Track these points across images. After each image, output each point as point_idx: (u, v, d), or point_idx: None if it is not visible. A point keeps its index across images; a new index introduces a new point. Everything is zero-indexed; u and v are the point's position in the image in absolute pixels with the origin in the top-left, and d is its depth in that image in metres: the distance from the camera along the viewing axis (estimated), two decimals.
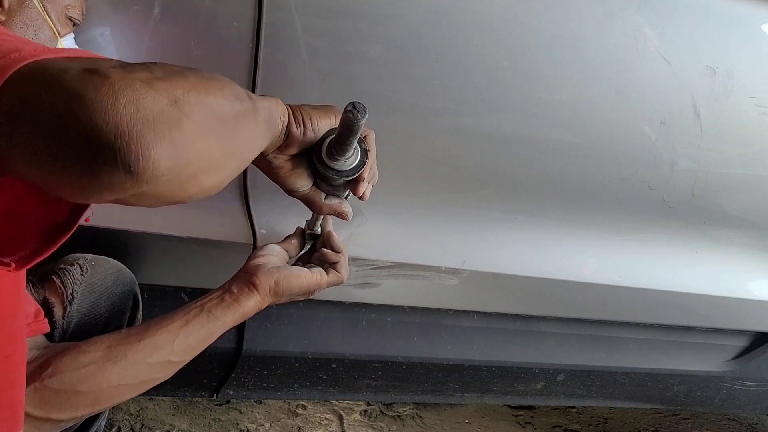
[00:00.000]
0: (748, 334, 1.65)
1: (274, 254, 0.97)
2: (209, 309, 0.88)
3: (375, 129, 1.15)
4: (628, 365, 1.57)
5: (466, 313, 1.38)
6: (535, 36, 1.18)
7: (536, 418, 2.35)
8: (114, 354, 0.81)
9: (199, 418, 1.94)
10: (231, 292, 0.90)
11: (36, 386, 0.77)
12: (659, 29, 1.23)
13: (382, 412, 2.17)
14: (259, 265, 0.93)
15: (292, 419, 2.02)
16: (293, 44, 1.04)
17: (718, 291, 1.51)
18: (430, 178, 1.23)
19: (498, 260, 1.32)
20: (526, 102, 1.21)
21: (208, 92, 0.58)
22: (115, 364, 0.80)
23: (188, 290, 1.15)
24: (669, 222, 1.41)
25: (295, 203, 0.91)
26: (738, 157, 1.39)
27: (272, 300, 0.92)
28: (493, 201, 1.29)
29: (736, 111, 1.33)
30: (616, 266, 1.41)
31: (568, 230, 1.36)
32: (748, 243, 1.52)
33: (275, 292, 0.92)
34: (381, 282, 1.24)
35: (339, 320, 1.28)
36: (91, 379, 0.79)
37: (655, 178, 1.34)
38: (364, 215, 1.21)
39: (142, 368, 0.83)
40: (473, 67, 1.16)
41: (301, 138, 0.83)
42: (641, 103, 1.27)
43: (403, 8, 1.09)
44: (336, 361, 1.32)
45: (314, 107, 0.86)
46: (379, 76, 1.11)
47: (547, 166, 1.27)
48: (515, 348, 1.45)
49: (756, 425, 2.56)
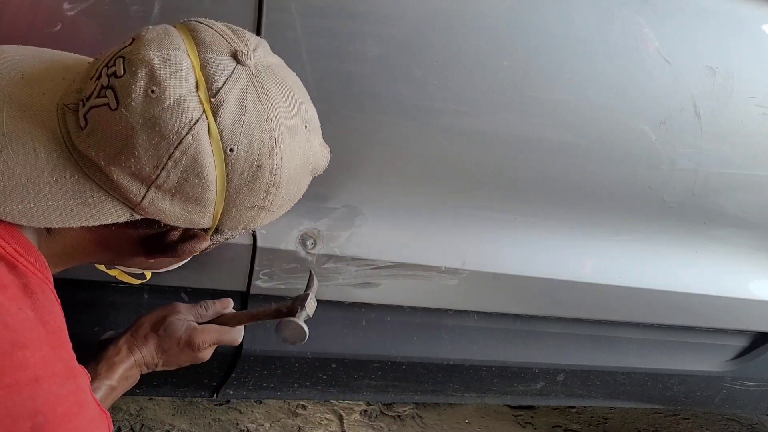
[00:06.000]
0: (748, 334, 1.65)
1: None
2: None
3: (375, 129, 1.15)
4: (628, 365, 1.57)
5: (466, 313, 1.38)
6: (535, 36, 1.18)
7: (536, 418, 2.35)
8: None
9: (199, 418, 1.94)
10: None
11: None
12: (659, 29, 1.23)
13: (382, 412, 2.18)
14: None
15: (292, 419, 2.02)
16: (293, 44, 1.04)
17: (718, 291, 1.51)
18: (430, 178, 1.23)
19: (498, 260, 1.32)
20: (526, 102, 1.21)
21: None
22: None
23: (188, 290, 1.15)
24: (669, 222, 1.41)
25: (295, 204, 0.91)
26: (738, 157, 1.39)
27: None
28: (493, 201, 1.29)
29: (736, 111, 1.33)
30: (616, 266, 1.41)
31: (568, 230, 1.36)
32: (748, 243, 1.52)
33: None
34: (381, 282, 1.24)
35: (339, 320, 1.28)
36: None
37: (655, 178, 1.34)
38: (364, 215, 1.21)
39: None
40: (473, 67, 1.16)
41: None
42: (641, 103, 1.27)
43: (403, 8, 1.09)
44: (336, 361, 1.32)
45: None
46: (379, 76, 1.11)
47: (547, 166, 1.27)
48: (515, 348, 1.45)
49: (756, 425, 2.57)
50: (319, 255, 1.17)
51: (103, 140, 0.68)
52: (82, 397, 0.70)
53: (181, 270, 1.12)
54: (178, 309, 1.03)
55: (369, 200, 1.20)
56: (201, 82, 0.68)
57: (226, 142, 0.69)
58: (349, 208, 1.20)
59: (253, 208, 0.74)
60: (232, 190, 0.71)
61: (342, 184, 1.18)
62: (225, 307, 1.08)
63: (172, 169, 0.68)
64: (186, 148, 0.67)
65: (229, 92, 0.69)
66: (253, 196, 0.73)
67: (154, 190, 0.69)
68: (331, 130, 1.13)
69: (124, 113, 0.66)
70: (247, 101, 0.69)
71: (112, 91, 0.68)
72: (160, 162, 0.67)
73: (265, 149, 0.70)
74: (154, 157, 0.67)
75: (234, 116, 0.69)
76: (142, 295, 1.14)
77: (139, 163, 0.67)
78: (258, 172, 0.71)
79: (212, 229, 0.75)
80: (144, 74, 0.67)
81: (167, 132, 0.66)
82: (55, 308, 0.71)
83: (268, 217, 0.78)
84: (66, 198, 0.69)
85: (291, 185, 0.76)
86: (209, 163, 0.68)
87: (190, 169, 0.68)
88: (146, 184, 0.68)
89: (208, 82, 0.68)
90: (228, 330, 1.04)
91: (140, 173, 0.68)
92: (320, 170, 0.82)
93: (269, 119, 0.70)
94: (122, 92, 0.67)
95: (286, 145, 0.72)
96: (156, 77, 0.67)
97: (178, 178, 0.68)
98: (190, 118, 0.67)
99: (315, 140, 0.78)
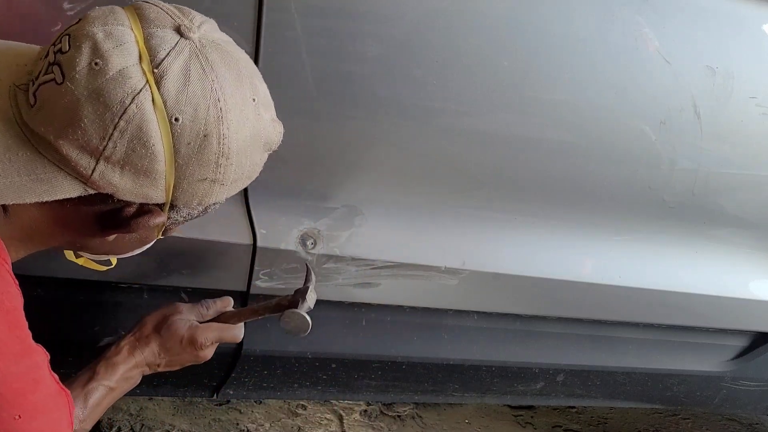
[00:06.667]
0: (748, 334, 1.65)
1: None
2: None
3: (375, 129, 1.15)
4: (628, 365, 1.57)
5: (466, 313, 1.38)
6: (535, 36, 1.18)
7: (536, 418, 2.35)
8: None
9: (199, 418, 1.94)
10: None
11: None
12: (659, 29, 1.23)
13: (382, 412, 2.18)
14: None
15: (292, 419, 2.02)
16: (293, 44, 1.04)
17: (718, 291, 1.51)
18: (430, 178, 1.23)
19: (498, 260, 1.32)
20: (526, 102, 1.21)
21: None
22: None
23: (188, 290, 1.15)
24: (669, 222, 1.41)
25: (295, 203, 0.91)
26: (738, 157, 1.39)
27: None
28: (493, 201, 1.29)
29: (736, 111, 1.33)
30: (616, 266, 1.41)
31: (568, 230, 1.36)
32: (748, 243, 1.52)
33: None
34: (381, 282, 1.24)
35: (339, 320, 1.28)
36: None
37: (655, 178, 1.34)
38: (364, 215, 1.21)
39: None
40: (473, 67, 1.16)
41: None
42: (641, 103, 1.27)
43: (403, 8, 1.09)
44: (336, 361, 1.32)
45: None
46: (379, 76, 1.11)
47: (547, 166, 1.27)
48: (515, 348, 1.45)
49: (756, 425, 2.57)
50: (319, 255, 1.17)
51: (51, 115, 0.69)
52: (38, 374, 0.73)
53: (181, 270, 1.12)
54: (179, 309, 1.03)
55: (369, 200, 1.20)
56: (144, 55, 0.70)
57: (171, 111, 0.70)
58: (349, 208, 1.20)
59: (205, 181, 0.75)
60: (181, 161, 0.72)
61: (342, 184, 1.18)
62: (226, 306, 1.08)
63: (119, 140, 0.69)
64: (130, 117, 0.68)
65: (172, 63, 0.70)
66: (203, 167, 0.74)
67: (104, 162, 0.70)
68: (332, 130, 1.13)
69: (69, 86, 0.68)
70: (191, 72, 0.71)
71: (58, 67, 0.70)
72: (106, 133, 0.69)
73: (211, 118, 0.72)
74: (100, 127, 0.68)
75: (177, 86, 0.70)
76: (141, 295, 1.14)
77: (87, 134, 0.69)
78: (205, 141, 0.72)
79: (167, 204, 0.76)
80: (88, 48, 0.69)
81: (111, 102, 0.68)
82: (11, 289, 0.73)
83: (223, 191, 0.78)
84: (19, 175, 0.70)
85: (242, 157, 0.76)
86: (155, 132, 0.70)
87: (136, 138, 0.69)
88: (95, 156, 0.70)
89: (151, 54, 0.70)
90: (229, 327, 1.05)
91: (88, 145, 0.69)
92: (274, 146, 0.83)
93: (213, 89, 0.71)
94: (67, 66, 0.69)
95: (233, 115, 0.73)
96: (99, 50, 0.69)
97: (125, 149, 0.70)
98: (133, 88, 0.68)
99: (266, 115, 0.79)
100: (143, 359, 1.00)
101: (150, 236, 0.83)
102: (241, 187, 0.81)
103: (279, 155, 0.98)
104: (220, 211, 1.11)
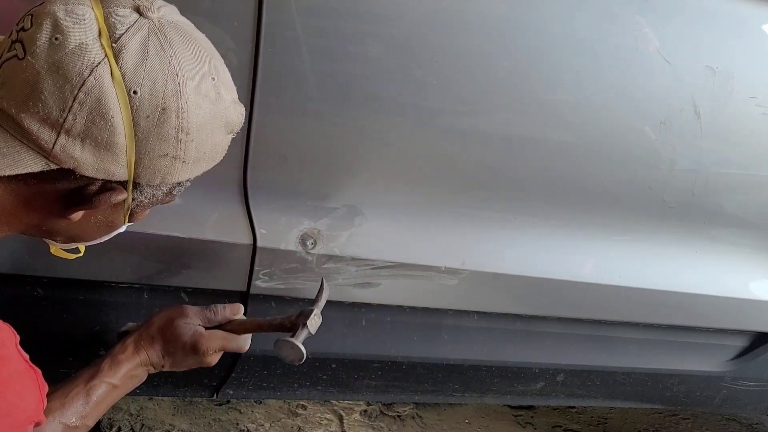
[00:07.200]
0: (748, 334, 1.65)
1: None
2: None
3: (375, 129, 1.15)
4: (628, 365, 1.57)
5: (466, 313, 1.38)
6: (535, 36, 1.18)
7: (536, 418, 2.35)
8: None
9: (199, 418, 1.94)
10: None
11: None
12: (659, 29, 1.23)
13: (382, 412, 2.18)
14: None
15: (292, 419, 2.03)
16: (293, 44, 1.04)
17: (718, 291, 1.51)
18: (430, 178, 1.23)
19: (498, 260, 1.32)
20: (526, 102, 1.21)
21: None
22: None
23: (188, 290, 1.15)
24: (669, 222, 1.41)
25: (295, 203, 0.91)
26: (738, 157, 1.39)
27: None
28: (493, 201, 1.29)
29: (736, 111, 1.33)
30: (616, 266, 1.41)
31: (568, 230, 1.36)
32: (748, 243, 1.52)
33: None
34: (381, 282, 1.24)
35: (339, 320, 1.28)
36: None
37: (655, 178, 1.34)
38: (364, 215, 1.21)
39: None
40: (473, 67, 1.16)
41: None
42: (641, 103, 1.27)
43: (403, 8, 1.09)
44: (336, 361, 1.32)
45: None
46: (379, 76, 1.11)
47: (547, 166, 1.27)
48: (515, 348, 1.45)
49: (756, 425, 2.57)
50: (319, 255, 1.17)
51: (13, 89, 0.71)
52: (3, 352, 0.74)
53: (181, 270, 1.12)
54: (186, 312, 1.03)
55: (369, 200, 1.20)
56: (104, 31, 0.72)
57: (129, 84, 0.71)
58: (349, 208, 1.20)
59: (166, 157, 0.76)
60: (141, 135, 0.73)
61: (342, 184, 1.18)
62: (235, 314, 1.07)
63: (78, 112, 0.70)
64: (89, 89, 0.70)
65: (130, 38, 0.72)
66: (163, 142, 0.75)
67: (64, 135, 0.71)
68: (332, 130, 1.14)
69: (30, 60, 0.70)
70: (149, 47, 0.73)
71: (20, 44, 0.72)
72: (65, 104, 0.70)
73: (169, 92, 0.73)
74: (60, 99, 0.70)
75: (136, 60, 0.72)
76: (142, 295, 1.14)
77: (47, 107, 0.70)
78: (164, 115, 0.73)
79: (130, 181, 0.77)
80: (48, 24, 0.71)
81: (70, 74, 0.70)
82: None
83: (185, 170, 0.79)
84: None
85: (202, 134, 0.77)
86: (113, 104, 0.71)
87: (96, 110, 0.71)
88: (56, 129, 0.71)
89: (111, 30, 0.72)
90: (234, 338, 1.04)
91: (49, 118, 0.70)
92: (236, 128, 0.83)
93: (171, 64, 0.73)
94: (28, 42, 0.71)
95: (191, 90, 0.74)
96: (59, 26, 0.71)
97: (84, 121, 0.71)
98: (91, 61, 0.70)
99: (227, 95, 0.80)
100: (147, 359, 1.01)
101: (116, 220, 0.83)
102: (204, 167, 0.81)
103: (279, 155, 0.98)
104: (220, 211, 1.11)
